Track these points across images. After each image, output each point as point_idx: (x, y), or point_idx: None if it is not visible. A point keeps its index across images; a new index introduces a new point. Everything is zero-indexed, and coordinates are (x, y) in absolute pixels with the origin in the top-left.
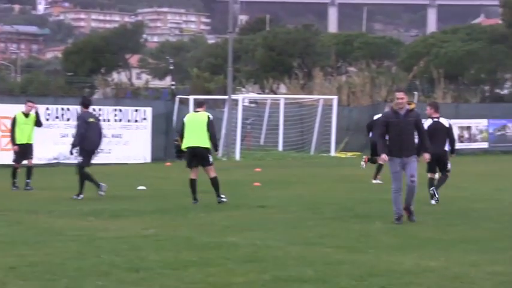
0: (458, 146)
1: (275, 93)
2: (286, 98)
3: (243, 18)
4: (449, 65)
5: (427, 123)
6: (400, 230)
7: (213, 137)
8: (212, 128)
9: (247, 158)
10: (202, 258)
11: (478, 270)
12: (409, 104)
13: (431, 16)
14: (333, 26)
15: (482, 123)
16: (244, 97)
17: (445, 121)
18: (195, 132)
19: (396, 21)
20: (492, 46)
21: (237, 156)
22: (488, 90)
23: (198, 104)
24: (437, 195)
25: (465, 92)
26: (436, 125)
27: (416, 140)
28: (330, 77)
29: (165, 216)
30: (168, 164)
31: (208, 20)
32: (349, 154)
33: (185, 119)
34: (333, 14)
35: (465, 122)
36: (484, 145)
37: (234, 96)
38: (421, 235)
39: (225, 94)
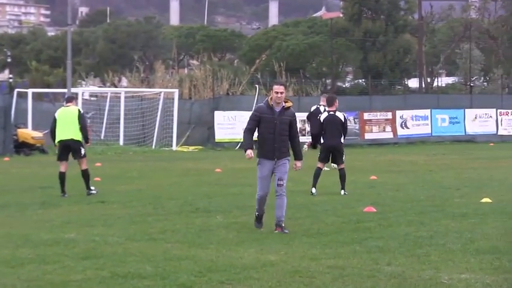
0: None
1: (116, 87)
2: (126, 92)
3: (83, 10)
4: (291, 58)
5: (323, 115)
6: (241, 224)
7: (84, 129)
8: (83, 120)
9: (88, 152)
10: (39, 255)
11: (318, 264)
12: (285, 101)
13: (273, 9)
14: (174, 19)
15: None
16: (84, 90)
17: (340, 114)
18: (67, 126)
19: (238, 14)
20: (333, 39)
21: None
22: (330, 84)
23: (68, 99)
24: (345, 192)
25: (307, 85)
26: (332, 118)
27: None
28: (171, 70)
29: (2, 213)
30: (6, 159)
31: (48, 12)
32: (191, 148)
33: (56, 114)
34: (174, 6)
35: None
36: None
37: (73, 90)
38: (262, 229)
39: (64, 87)
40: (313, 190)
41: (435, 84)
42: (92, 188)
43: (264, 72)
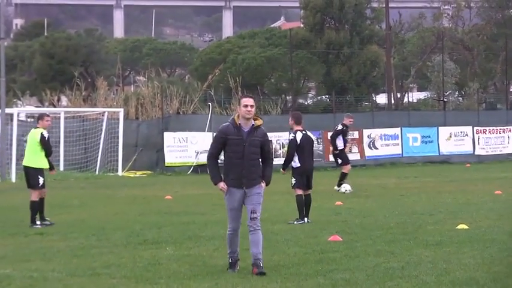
0: None
1: (55, 106)
2: (66, 112)
3: (18, 22)
4: (248, 73)
5: (298, 136)
6: (194, 256)
7: (47, 154)
8: (45, 145)
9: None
10: None
11: None
12: (255, 119)
13: (227, 19)
14: (119, 31)
15: (284, 136)
16: (20, 111)
17: (311, 134)
18: (26, 150)
19: (189, 25)
20: (293, 52)
21: (13, 178)
22: (290, 101)
23: (38, 118)
24: (309, 220)
25: (265, 102)
26: (307, 139)
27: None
28: (116, 88)
29: None
30: None
31: None
32: (138, 173)
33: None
34: (118, 17)
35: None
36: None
37: (8, 110)
38: (217, 262)
39: None
40: (306, 219)
41: (405, 100)
42: (38, 222)
43: (218, 88)
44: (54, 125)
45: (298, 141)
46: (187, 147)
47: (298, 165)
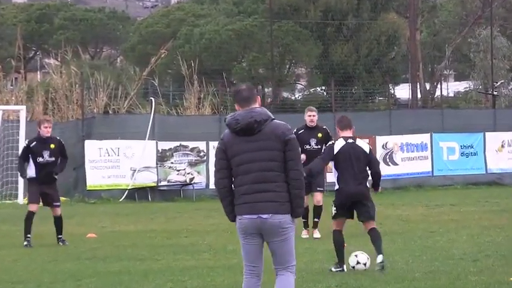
0: None
1: None
2: None
3: None
4: (208, 53)
5: (338, 144)
6: None
7: None
8: None
9: None
10: None
11: None
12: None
13: None
14: None
15: None
16: None
17: (363, 143)
18: None
19: None
20: (274, 23)
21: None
22: (270, 94)
23: None
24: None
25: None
26: (353, 149)
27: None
28: (15, 75)
29: None
30: None
31: None
32: None
33: None
34: None
35: None
36: None
37: None
38: None
39: None
40: (345, 267)
41: (437, 93)
42: None
43: (165, 76)
44: None
45: (335, 151)
46: (118, 162)
47: (337, 186)
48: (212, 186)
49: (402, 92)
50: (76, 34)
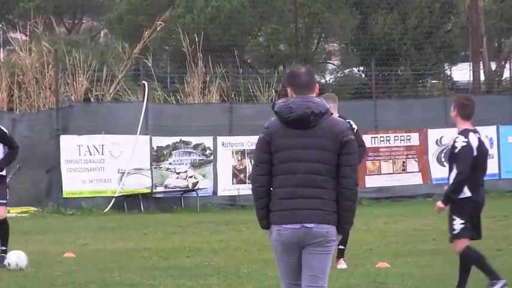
0: None
1: None
2: None
3: None
4: (216, 25)
5: (472, 140)
6: None
7: None
8: None
9: None
10: None
11: None
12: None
13: None
14: None
15: None
16: None
17: (485, 138)
18: None
19: None
20: None
21: None
22: None
23: None
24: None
25: (247, 80)
26: (484, 146)
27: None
28: None
29: None
30: None
31: None
32: (14, 211)
33: None
34: None
35: None
36: None
37: None
38: None
39: None
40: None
41: (506, 75)
42: None
43: (160, 55)
44: None
45: (475, 151)
46: (103, 162)
47: (469, 194)
48: (221, 193)
49: (461, 73)
50: (48, 1)
